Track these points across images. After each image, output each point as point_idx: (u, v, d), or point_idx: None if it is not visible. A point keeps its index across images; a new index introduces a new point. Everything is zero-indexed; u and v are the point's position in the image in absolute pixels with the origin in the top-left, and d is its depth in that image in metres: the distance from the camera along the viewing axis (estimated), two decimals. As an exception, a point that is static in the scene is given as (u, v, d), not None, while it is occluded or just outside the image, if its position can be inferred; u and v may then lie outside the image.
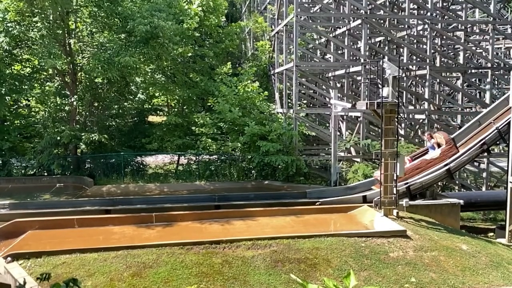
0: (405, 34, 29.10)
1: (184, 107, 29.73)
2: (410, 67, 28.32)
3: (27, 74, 25.31)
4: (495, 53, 27.29)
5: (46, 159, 24.13)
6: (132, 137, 28.53)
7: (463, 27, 28.91)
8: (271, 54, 34.18)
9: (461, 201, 17.15)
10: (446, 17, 29.49)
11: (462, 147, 18.31)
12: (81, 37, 25.40)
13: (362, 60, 24.88)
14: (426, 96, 26.18)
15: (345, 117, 28.09)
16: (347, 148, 25.54)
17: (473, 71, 30.24)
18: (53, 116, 25.61)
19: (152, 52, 23.18)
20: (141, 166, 27.44)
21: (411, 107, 28.87)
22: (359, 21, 25.92)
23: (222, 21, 31.73)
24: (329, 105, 25.31)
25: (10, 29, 21.37)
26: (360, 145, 24.50)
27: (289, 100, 28.43)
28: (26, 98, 25.74)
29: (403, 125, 27.32)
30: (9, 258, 11.67)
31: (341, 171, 23.33)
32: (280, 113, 28.28)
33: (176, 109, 30.70)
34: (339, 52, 31.19)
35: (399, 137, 21.64)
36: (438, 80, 28.05)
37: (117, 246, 12.31)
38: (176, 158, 28.11)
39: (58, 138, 23.73)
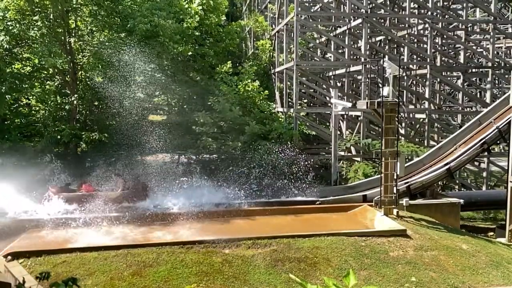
0: (406, 33, 29.06)
1: (185, 106, 29.66)
2: (411, 66, 28.27)
3: (27, 73, 25.24)
4: (495, 52, 27.23)
5: (47, 158, 24.11)
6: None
7: (463, 27, 28.86)
8: (271, 53, 34.15)
9: (462, 201, 17.17)
10: (446, 16, 29.45)
11: (462, 146, 18.34)
12: (81, 36, 25.37)
13: (362, 59, 24.85)
14: (427, 95, 26.16)
15: (345, 116, 28.06)
16: (347, 148, 25.52)
17: (473, 70, 30.20)
18: (53, 115, 25.55)
19: (152, 51, 23.15)
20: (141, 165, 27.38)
21: (411, 107, 28.82)
22: (359, 20, 25.88)
23: (222, 20, 31.61)
24: (329, 104, 25.30)
25: (10, 27, 21.34)
26: (360, 144, 24.48)
27: (289, 99, 28.41)
28: (26, 97, 25.70)
29: (403, 124, 27.30)
30: (9, 257, 11.69)
31: (341, 170, 23.31)
32: (281, 112, 28.25)
33: (176, 108, 30.62)
34: (340, 51, 31.15)
35: (399, 137, 21.62)
36: (438, 79, 28.02)
37: (117, 245, 12.32)
38: (176, 158, 28.05)
39: (59, 137, 23.70)
